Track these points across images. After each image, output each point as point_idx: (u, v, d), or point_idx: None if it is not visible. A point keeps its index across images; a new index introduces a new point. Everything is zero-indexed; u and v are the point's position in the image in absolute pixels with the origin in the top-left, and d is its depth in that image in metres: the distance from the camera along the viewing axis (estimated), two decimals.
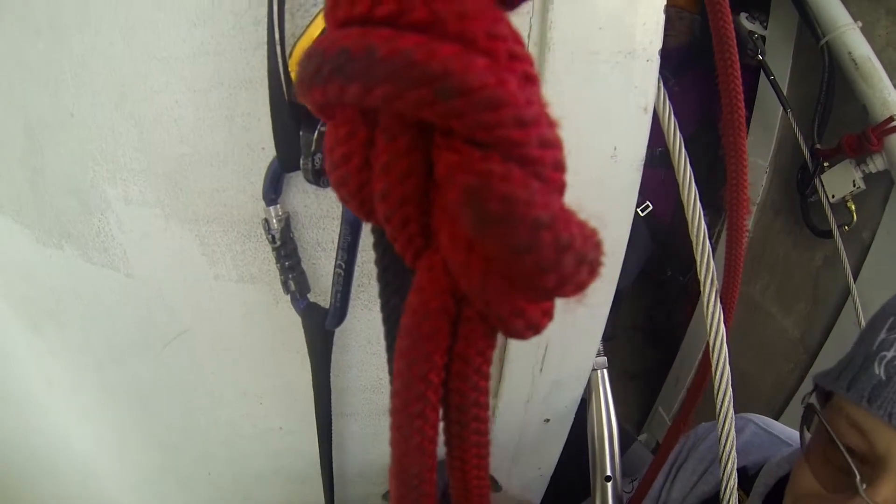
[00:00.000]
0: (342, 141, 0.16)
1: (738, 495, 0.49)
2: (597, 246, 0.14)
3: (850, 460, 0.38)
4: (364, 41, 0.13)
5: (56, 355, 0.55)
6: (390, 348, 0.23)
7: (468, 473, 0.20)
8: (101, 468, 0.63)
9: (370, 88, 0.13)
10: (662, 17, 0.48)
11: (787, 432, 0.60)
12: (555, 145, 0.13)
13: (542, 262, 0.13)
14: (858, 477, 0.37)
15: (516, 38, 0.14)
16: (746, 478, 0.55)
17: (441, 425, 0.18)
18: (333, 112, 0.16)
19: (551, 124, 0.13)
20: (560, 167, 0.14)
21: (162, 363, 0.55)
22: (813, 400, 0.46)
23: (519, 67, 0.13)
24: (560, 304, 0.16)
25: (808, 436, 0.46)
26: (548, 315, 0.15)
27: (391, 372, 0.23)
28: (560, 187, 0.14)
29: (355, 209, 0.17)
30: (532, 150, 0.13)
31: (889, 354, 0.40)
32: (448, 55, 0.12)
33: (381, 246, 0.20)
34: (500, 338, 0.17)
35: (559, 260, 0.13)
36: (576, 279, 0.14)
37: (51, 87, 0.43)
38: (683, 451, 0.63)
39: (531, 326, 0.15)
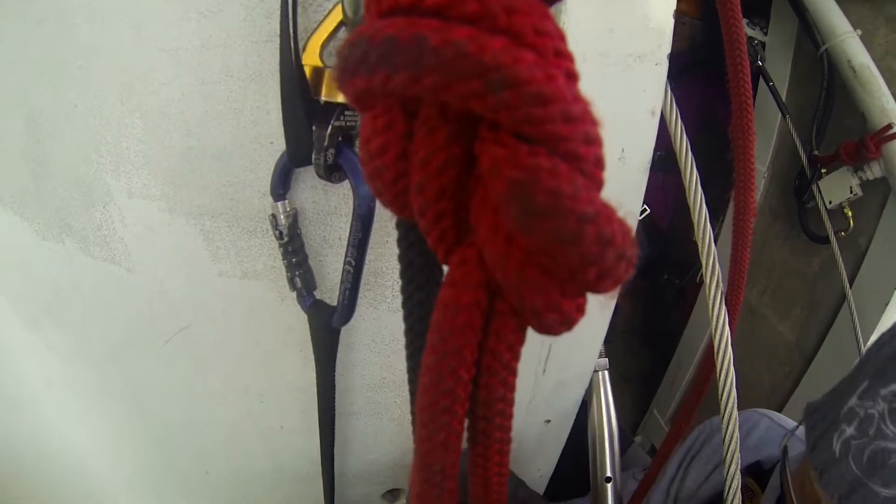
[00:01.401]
0: (379, 132, 0.16)
1: (753, 489, 0.49)
2: (633, 242, 0.14)
3: None
4: (413, 30, 0.13)
5: (55, 351, 0.54)
6: (411, 344, 0.22)
7: (490, 470, 0.20)
8: (99, 466, 0.62)
9: (419, 78, 0.13)
10: (672, 21, 0.48)
11: (801, 429, 0.60)
12: (597, 142, 0.14)
13: (585, 256, 0.13)
14: None
15: (561, 35, 0.14)
16: (762, 472, 0.55)
17: (465, 421, 0.18)
18: (373, 102, 0.16)
19: (594, 122, 0.13)
20: (601, 164, 0.14)
21: (162, 360, 0.54)
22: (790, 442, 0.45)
23: (563, 64, 0.14)
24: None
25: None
26: (581, 311, 0.15)
27: (411, 369, 0.23)
28: (600, 184, 0.14)
29: (388, 202, 0.17)
30: (577, 145, 0.13)
31: (848, 431, 0.38)
32: (499, 48, 0.12)
33: (408, 241, 0.20)
34: None
35: (602, 254, 0.13)
36: (615, 273, 0.14)
37: (55, 79, 0.42)
38: (696, 443, 0.63)
39: (565, 321, 0.15)
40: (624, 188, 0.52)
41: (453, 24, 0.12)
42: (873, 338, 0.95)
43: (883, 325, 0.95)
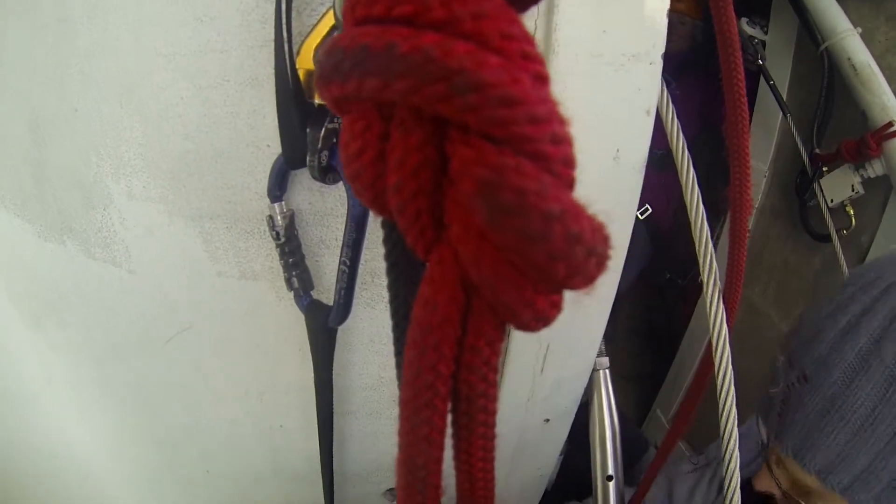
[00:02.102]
0: (357, 135, 0.16)
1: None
2: (605, 239, 0.14)
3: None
4: (384, 38, 0.13)
5: (56, 352, 0.55)
6: (398, 341, 0.23)
7: (474, 466, 0.20)
8: (99, 466, 0.62)
9: (389, 83, 0.13)
10: (666, 20, 0.48)
11: None
12: (565, 142, 0.14)
13: (553, 252, 0.13)
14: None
15: (528, 38, 0.14)
16: None
17: (449, 418, 0.18)
18: (350, 107, 0.16)
19: (562, 122, 0.14)
20: (570, 163, 0.14)
21: (162, 360, 0.55)
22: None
23: (531, 67, 0.14)
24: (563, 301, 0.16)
25: None
26: (556, 307, 0.16)
27: (399, 366, 0.24)
28: (570, 183, 0.14)
29: (369, 202, 0.17)
30: (544, 146, 0.13)
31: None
32: (463, 53, 0.13)
33: (392, 240, 0.20)
34: None
35: (569, 250, 0.13)
36: (585, 270, 0.14)
37: (56, 82, 0.43)
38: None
39: (540, 318, 0.15)
40: (619, 187, 0.52)
41: (423, 30, 0.13)
42: None
43: None
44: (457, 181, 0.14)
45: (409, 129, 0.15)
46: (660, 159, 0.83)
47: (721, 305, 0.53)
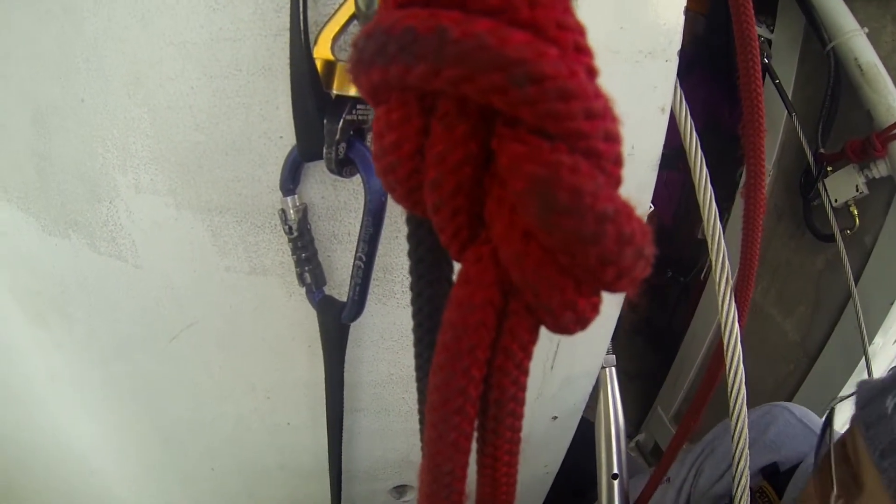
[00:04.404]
0: (395, 126, 0.16)
1: (769, 494, 0.49)
2: (651, 241, 0.14)
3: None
4: (433, 22, 0.12)
5: (60, 347, 0.54)
6: (419, 342, 0.22)
7: (498, 471, 0.20)
8: (103, 463, 0.62)
9: (439, 70, 0.13)
10: (682, 17, 0.48)
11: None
12: (617, 140, 0.13)
13: (605, 255, 0.13)
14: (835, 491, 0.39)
15: (581, 29, 0.13)
16: (777, 474, 0.55)
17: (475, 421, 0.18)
18: (389, 95, 0.15)
19: (615, 119, 0.13)
20: (620, 162, 0.14)
21: (168, 356, 0.54)
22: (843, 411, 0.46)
23: (584, 60, 0.13)
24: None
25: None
26: (596, 309, 0.15)
27: (420, 367, 0.23)
28: (619, 182, 0.14)
29: (401, 197, 0.17)
30: (598, 143, 0.13)
31: None
32: (522, 42, 0.12)
33: (418, 237, 0.20)
34: None
35: (621, 253, 0.13)
36: (633, 273, 0.14)
37: (62, 72, 0.42)
38: (711, 444, 0.63)
39: (580, 320, 0.15)
40: (634, 185, 0.52)
41: (474, 16, 0.12)
42: (878, 338, 0.95)
43: (889, 324, 0.95)
44: (507, 179, 0.14)
45: (452, 121, 0.15)
46: (662, 158, 0.82)
47: (733, 304, 0.53)
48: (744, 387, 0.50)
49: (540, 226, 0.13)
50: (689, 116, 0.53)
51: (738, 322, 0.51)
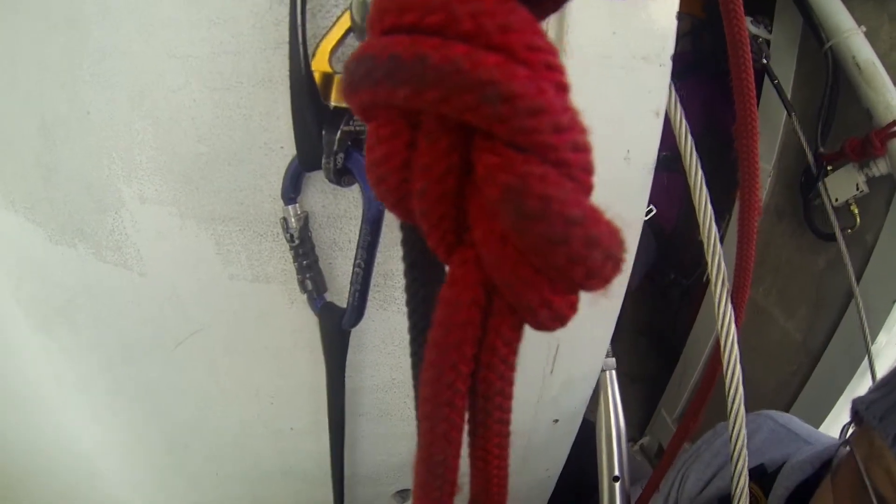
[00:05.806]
0: (383, 140, 0.17)
1: (756, 494, 0.49)
2: (621, 243, 0.15)
3: None
4: (415, 49, 0.14)
5: (66, 354, 0.55)
6: (415, 341, 0.23)
7: (490, 463, 0.21)
8: (108, 467, 0.62)
9: (420, 92, 0.14)
10: (675, 22, 0.49)
11: (807, 430, 0.60)
12: (585, 149, 0.15)
13: (572, 255, 0.14)
14: None
15: (552, 49, 0.15)
16: (765, 475, 0.55)
17: (466, 415, 0.19)
18: (377, 114, 0.17)
19: (582, 130, 0.14)
20: (589, 170, 0.15)
21: (174, 363, 0.55)
22: (849, 432, 0.45)
23: (554, 77, 0.14)
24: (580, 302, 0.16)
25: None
26: (573, 308, 0.16)
27: (415, 366, 0.24)
28: (589, 188, 0.15)
29: (391, 205, 0.18)
30: (566, 153, 0.14)
31: None
32: (493, 64, 0.13)
33: (410, 242, 0.21)
34: None
35: (588, 254, 0.14)
36: (602, 273, 0.15)
37: (68, 85, 0.43)
38: (697, 449, 0.63)
39: (557, 317, 0.16)
40: (629, 188, 0.52)
41: (452, 41, 0.13)
42: (881, 337, 0.95)
43: (891, 322, 0.95)
44: (482, 187, 0.15)
45: (435, 136, 0.16)
46: (664, 160, 0.83)
47: (729, 306, 0.53)
48: (741, 388, 0.50)
49: (514, 230, 0.14)
50: (683, 119, 0.53)
51: (735, 323, 0.51)
